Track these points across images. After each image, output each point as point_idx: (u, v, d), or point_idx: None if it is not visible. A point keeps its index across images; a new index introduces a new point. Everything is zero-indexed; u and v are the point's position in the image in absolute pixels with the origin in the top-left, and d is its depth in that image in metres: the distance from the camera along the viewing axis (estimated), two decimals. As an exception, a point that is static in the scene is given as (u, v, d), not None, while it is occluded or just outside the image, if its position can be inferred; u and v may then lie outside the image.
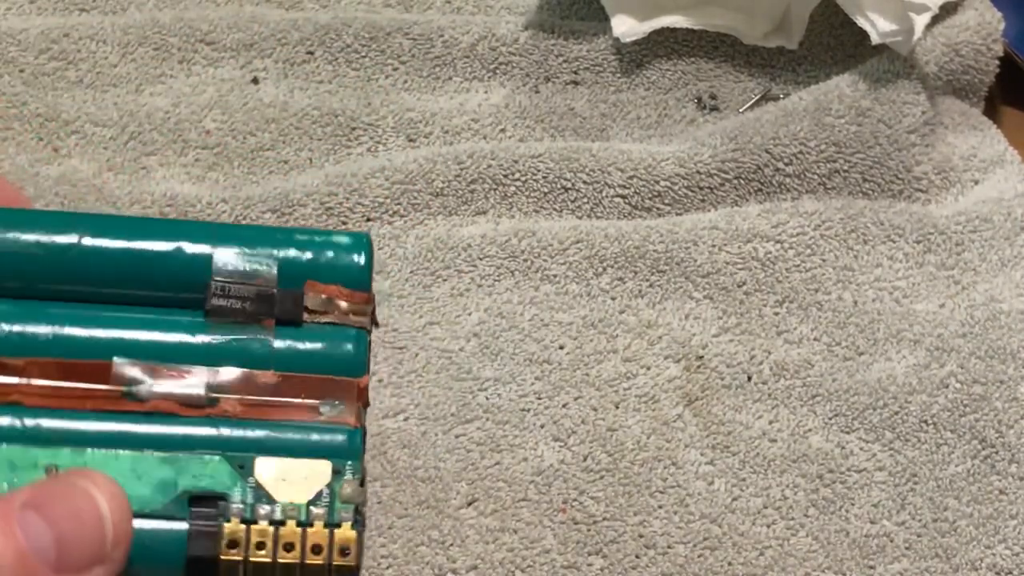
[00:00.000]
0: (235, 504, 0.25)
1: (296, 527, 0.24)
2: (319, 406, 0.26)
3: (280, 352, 0.26)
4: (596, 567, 0.39)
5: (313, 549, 0.25)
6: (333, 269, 0.27)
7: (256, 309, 0.26)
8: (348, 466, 0.25)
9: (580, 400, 0.42)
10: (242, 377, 0.25)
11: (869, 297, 0.45)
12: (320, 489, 0.25)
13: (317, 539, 0.25)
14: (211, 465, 0.25)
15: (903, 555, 0.39)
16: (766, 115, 0.48)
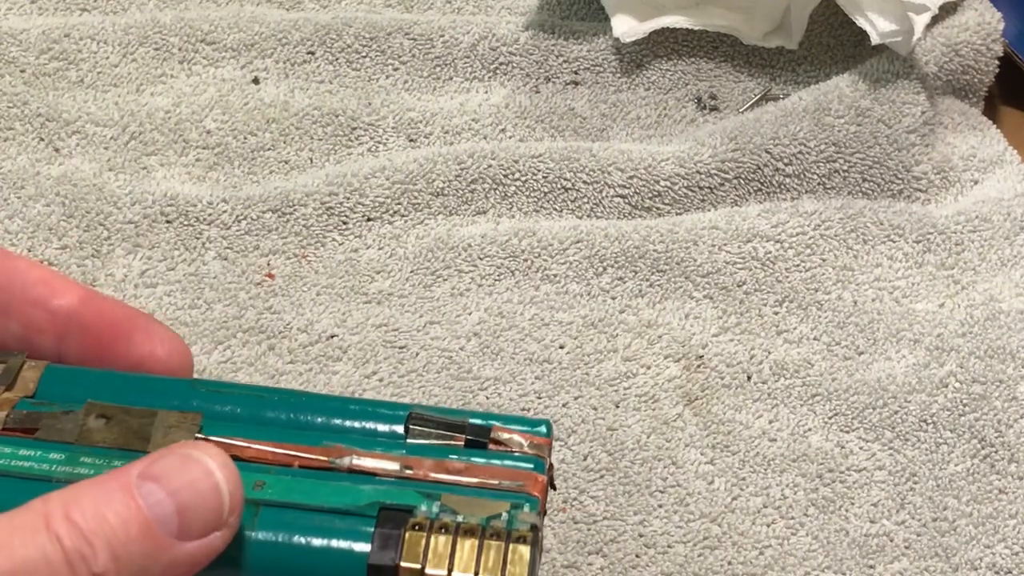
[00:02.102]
0: (422, 511, 0.26)
1: (476, 524, 0.26)
2: (502, 482, 0.28)
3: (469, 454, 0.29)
4: (596, 566, 0.39)
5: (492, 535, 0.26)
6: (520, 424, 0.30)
7: (449, 429, 0.29)
8: (527, 504, 0.27)
9: (580, 400, 0.42)
10: (434, 463, 0.28)
11: (869, 297, 0.45)
12: (501, 512, 0.27)
13: (496, 531, 0.26)
14: (401, 492, 0.27)
15: (903, 554, 0.39)
16: (766, 115, 0.48)
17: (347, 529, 0.26)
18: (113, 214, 0.45)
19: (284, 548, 0.26)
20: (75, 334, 0.30)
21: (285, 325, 0.43)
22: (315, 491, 0.27)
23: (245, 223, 0.46)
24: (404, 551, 0.26)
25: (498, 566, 0.26)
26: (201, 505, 0.24)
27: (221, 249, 0.45)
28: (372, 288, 0.45)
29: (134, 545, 0.23)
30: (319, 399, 0.30)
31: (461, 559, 0.26)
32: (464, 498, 0.27)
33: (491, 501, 0.27)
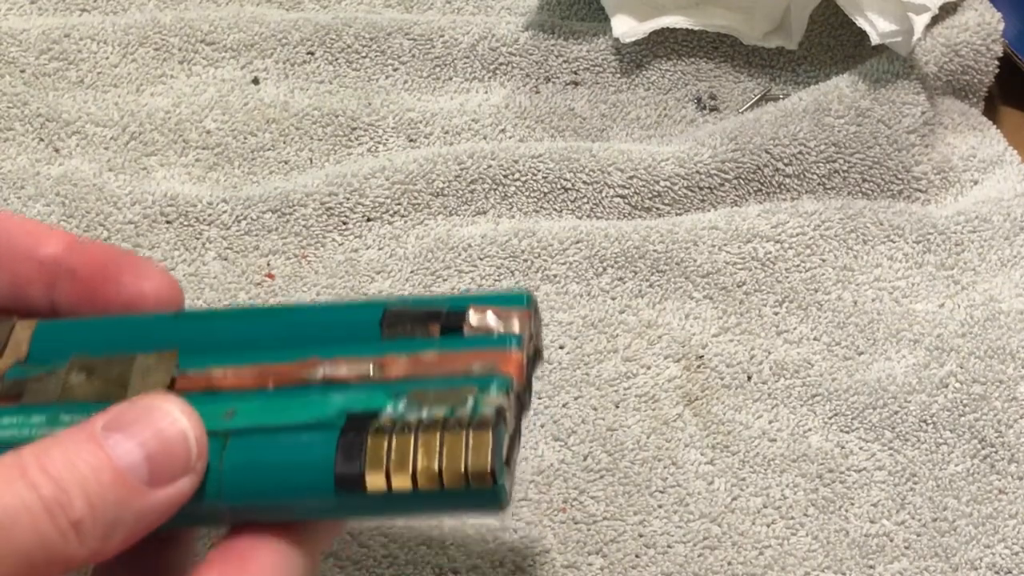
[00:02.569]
0: (387, 413, 0.26)
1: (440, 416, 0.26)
2: (472, 366, 0.28)
3: (443, 344, 0.28)
4: (596, 567, 0.39)
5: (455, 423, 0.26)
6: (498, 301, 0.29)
7: (424, 320, 0.29)
8: (494, 385, 0.27)
9: (580, 400, 0.42)
10: (407, 359, 0.28)
11: (869, 297, 0.45)
12: (466, 398, 0.26)
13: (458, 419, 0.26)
14: (369, 395, 0.27)
15: (903, 554, 0.39)
16: (766, 115, 0.48)
17: (312, 443, 0.26)
18: (113, 214, 0.45)
19: (252, 474, 0.26)
20: (65, 281, 0.30)
21: (285, 325, 0.43)
22: (285, 409, 0.27)
23: (245, 223, 0.46)
24: (368, 458, 0.26)
25: (460, 458, 0.25)
26: (168, 452, 0.25)
27: (221, 249, 0.45)
28: (372, 288, 0.45)
29: (107, 493, 0.24)
30: (295, 312, 0.30)
31: (423, 457, 0.25)
32: (432, 391, 0.27)
33: (459, 389, 0.27)
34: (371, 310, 0.29)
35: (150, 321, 0.30)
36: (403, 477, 0.25)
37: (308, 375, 0.28)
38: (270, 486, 0.26)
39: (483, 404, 0.26)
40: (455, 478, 0.25)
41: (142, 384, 0.28)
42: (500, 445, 0.26)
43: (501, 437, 0.26)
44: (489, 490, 0.26)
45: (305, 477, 0.26)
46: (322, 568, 0.38)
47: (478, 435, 0.26)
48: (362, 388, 0.27)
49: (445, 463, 0.25)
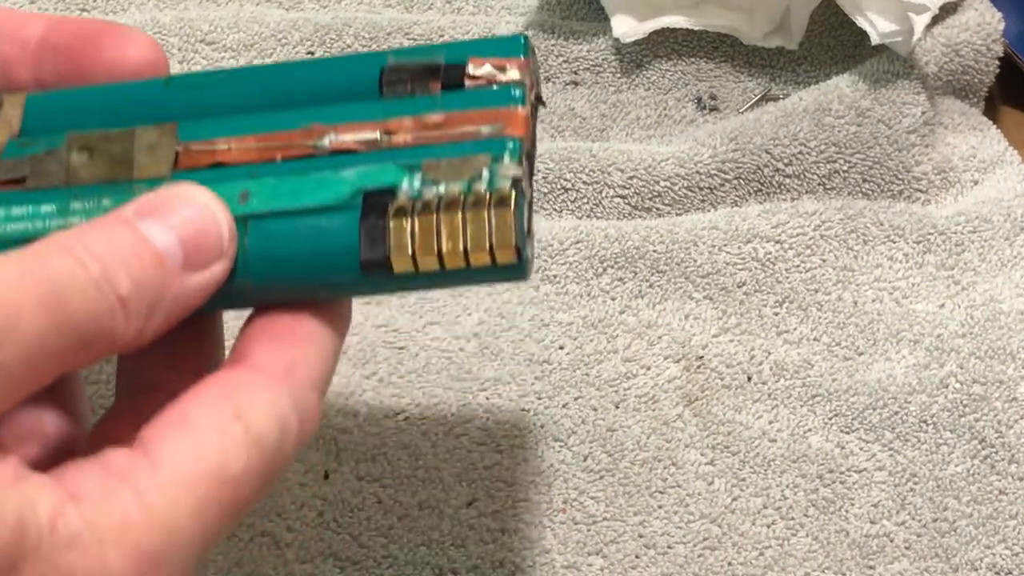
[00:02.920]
0: (404, 191, 0.26)
1: (458, 193, 0.26)
2: (480, 128, 0.27)
3: (446, 102, 0.28)
4: (596, 567, 0.39)
5: (474, 203, 0.26)
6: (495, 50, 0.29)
7: (424, 77, 0.29)
8: (506, 154, 0.27)
9: (580, 400, 0.42)
10: (412, 121, 0.28)
11: (869, 297, 0.45)
12: (481, 170, 0.27)
13: (477, 197, 0.26)
14: (382, 169, 0.27)
15: (903, 555, 0.39)
16: (766, 115, 0.48)
17: (335, 229, 0.26)
18: (112, 214, 0.45)
19: (277, 261, 0.26)
20: (49, 59, 0.30)
21: (285, 325, 0.43)
22: (299, 189, 0.27)
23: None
24: (392, 242, 0.26)
25: (484, 237, 0.26)
26: (202, 237, 0.25)
27: (221, 249, 0.45)
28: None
29: (148, 273, 0.24)
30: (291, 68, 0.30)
31: (447, 239, 0.26)
32: (444, 161, 0.27)
33: (471, 157, 0.27)
34: (368, 66, 0.29)
35: (141, 88, 0.29)
36: (430, 259, 0.26)
37: (315, 144, 0.28)
38: (295, 272, 0.26)
39: (499, 176, 0.26)
40: (481, 256, 0.26)
41: (148, 161, 0.28)
42: (522, 219, 0.26)
43: (522, 210, 0.26)
44: (517, 265, 0.26)
45: (331, 264, 0.26)
46: (322, 568, 0.38)
47: (500, 213, 0.26)
48: (372, 160, 0.27)
49: (470, 244, 0.26)
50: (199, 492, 0.23)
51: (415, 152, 0.27)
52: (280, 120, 0.28)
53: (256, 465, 0.24)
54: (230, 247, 0.26)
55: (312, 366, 0.26)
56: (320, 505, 0.39)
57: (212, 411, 0.24)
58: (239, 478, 0.24)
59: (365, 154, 0.27)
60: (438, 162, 0.27)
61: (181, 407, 0.24)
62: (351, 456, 0.40)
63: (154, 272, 0.24)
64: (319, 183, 0.27)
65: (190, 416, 0.24)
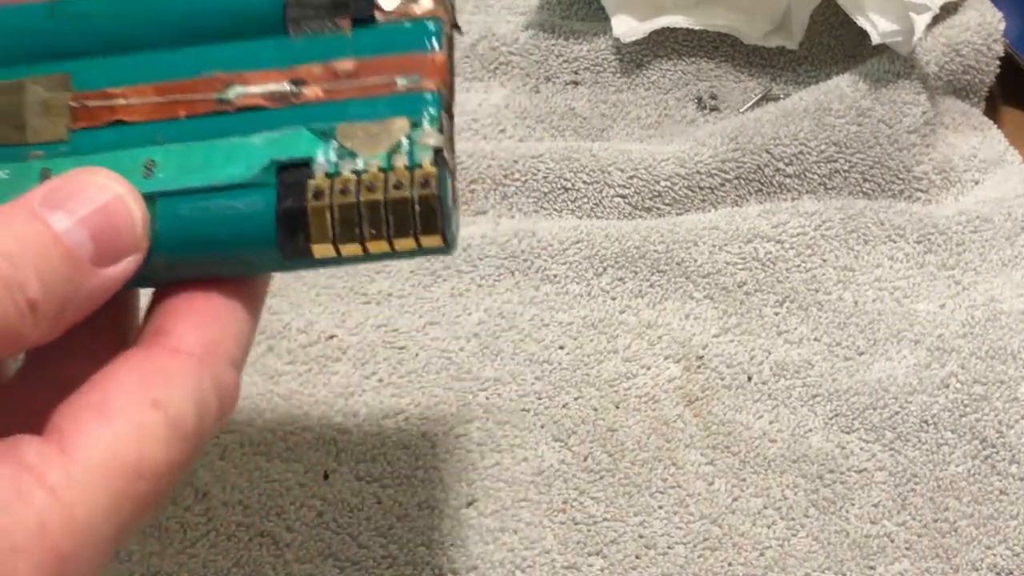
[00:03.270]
0: (319, 164, 0.25)
1: (378, 171, 0.25)
2: (396, 79, 0.26)
3: (357, 44, 0.27)
4: (596, 567, 0.38)
5: (394, 185, 0.25)
6: None
7: (332, 12, 0.27)
8: (425, 117, 0.26)
9: (580, 400, 0.42)
10: (322, 68, 0.27)
11: (869, 297, 0.45)
12: (399, 139, 0.26)
13: (398, 177, 0.25)
14: (295, 137, 0.26)
15: (903, 555, 0.39)
16: (766, 115, 0.48)
17: (250, 213, 0.25)
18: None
19: (190, 244, 0.25)
20: None
21: (284, 325, 0.43)
22: (208, 161, 0.26)
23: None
24: (312, 232, 0.25)
25: (408, 225, 0.25)
26: (114, 229, 0.24)
27: (220, 249, 0.45)
28: (371, 288, 0.45)
29: (58, 270, 0.23)
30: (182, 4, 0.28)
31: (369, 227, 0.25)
32: (360, 126, 0.26)
33: (388, 121, 0.26)
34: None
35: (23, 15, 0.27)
36: (352, 246, 0.25)
37: (219, 97, 0.26)
38: (210, 255, 0.25)
39: (419, 147, 0.25)
40: (407, 243, 0.25)
41: (42, 124, 0.26)
42: (446, 197, 0.25)
43: (445, 187, 0.25)
44: (443, 247, 0.25)
45: (248, 249, 0.25)
46: (322, 568, 0.38)
47: (424, 197, 0.25)
48: (283, 121, 0.26)
49: (394, 231, 0.25)
50: (115, 488, 0.22)
51: (328, 111, 0.26)
52: (179, 64, 0.27)
53: (174, 455, 0.23)
54: (143, 240, 0.25)
55: (234, 342, 0.25)
56: (320, 505, 0.39)
57: (130, 400, 0.23)
58: (157, 470, 0.23)
59: (275, 112, 0.26)
60: (353, 127, 0.26)
61: (98, 394, 0.23)
62: (351, 456, 0.40)
63: (65, 271, 0.23)
64: (229, 152, 0.26)
65: (107, 405, 0.23)
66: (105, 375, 0.23)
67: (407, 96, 0.26)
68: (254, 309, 0.26)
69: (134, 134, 0.26)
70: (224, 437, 0.41)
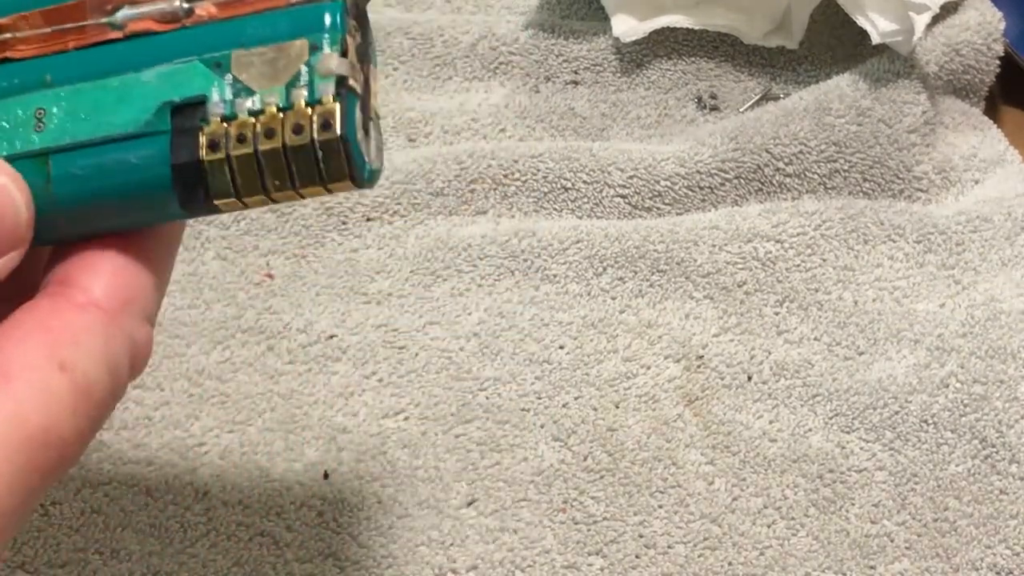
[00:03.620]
0: (215, 104, 0.23)
1: (276, 112, 0.23)
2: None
3: None
4: (596, 567, 0.38)
5: (294, 129, 0.23)
6: None
7: None
8: (325, 39, 0.23)
9: (580, 400, 0.42)
10: None
11: (869, 297, 0.45)
12: (298, 69, 0.23)
13: (298, 119, 0.23)
14: (188, 71, 0.24)
15: (903, 555, 0.39)
16: (766, 115, 0.48)
17: (145, 166, 0.23)
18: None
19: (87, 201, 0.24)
20: None
21: (284, 325, 0.43)
22: (99, 105, 0.24)
23: (244, 223, 0.46)
24: (212, 184, 0.23)
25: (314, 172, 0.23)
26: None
27: (220, 249, 0.45)
28: (372, 288, 0.45)
29: None
30: None
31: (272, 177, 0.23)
32: (255, 55, 0.23)
33: (285, 46, 0.23)
34: None
35: None
36: (257, 198, 0.23)
37: (109, 22, 0.24)
38: (109, 212, 0.24)
39: (319, 77, 0.23)
40: (314, 191, 0.23)
41: None
42: (353, 139, 0.23)
43: (352, 127, 0.23)
44: (356, 184, 0.23)
45: (147, 204, 0.24)
46: (322, 568, 0.38)
47: (326, 140, 0.23)
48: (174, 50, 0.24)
49: (299, 180, 0.23)
50: (19, 459, 0.21)
51: (222, 34, 0.24)
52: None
53: (83, 422, 0.22)
54: (27, 232, 0.23)
55: (146, 295, 0.24)
56: (320, 505, 0.39)
57: (34, 361, 0.21)
58: (64, 439, 0.21)
59: (165, 37, 0.24)
60: (250, 55, 0.23)
61: (1, 357, 0.22)
62: (351, 456, 0.40)
63: None
64: (120, 94, 0.24)
65: (8, 367, 0.21)
66: (4, 332, 0.22)
67: (306, 8, 0.24)
68: (167, 258, 0.25)
69: (24, 73, 0.24)
70: (224, 437, 0.41)
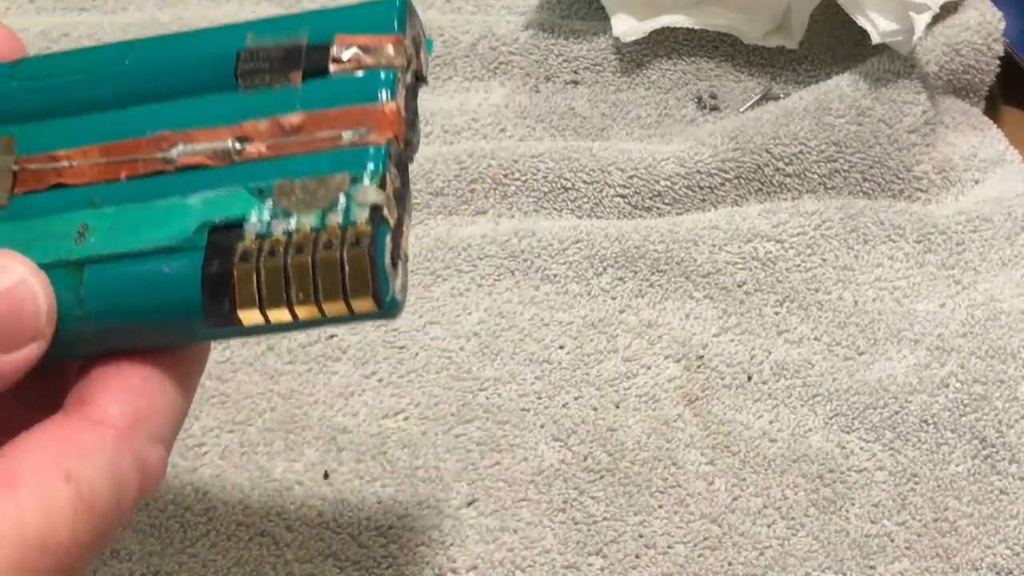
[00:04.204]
0: (252, 224, 0.24)
1: (309, 231, 0.23)
2: (342, 133, 0.25)
3: (307, 97, 0.25)
4: (596, 567, 0.38)
5: (324, 245, 0.23)
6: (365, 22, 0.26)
7: (284, 65, 0.26)
8: (367, 172, 0.24)
9: (580, 400, 0.42)
10: (268, 124, 0.25)
11: (869, 297, 0.45)
12: (337, 196, 0.24)
13: (330, 236, 0.23)
14: (231, 197, 0.24)
15: (903, 555, 0.39)
16: (766, 115, 0.48)
17: (176, 276, 0.24)
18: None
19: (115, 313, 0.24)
20: None
21: (284, 325, 0.43)
22: (141, 221, 0.24)
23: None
24: (238, 295, 0.23)
25: (337, 286, 0.23)
26: (15, 315, 0.23)
27: (220, 249, 0.45)
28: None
29: None
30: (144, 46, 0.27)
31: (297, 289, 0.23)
32: (298, 183, 0.24)
33: (328, 178, 0.24)
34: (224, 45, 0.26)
35: None
36: (280, 311, 0.23)
37: (163, 157, 0.25)
38: (136, 323, 0.24)
39: (356, 206, 0.23)
40: (336, 306, 0.23)
41: None
42: (381, 261, 0.23)
43: (382, 250, 0.23)
44: (380, 311, 0.23)
45: (174, 316, 0.24)
46: (322, 568, 0.38)
47: (354, 257, 0.23)
48: (222, 181, 0.24)
49: (323, 295, 0.23)
50: (16, 560, 0.21)
51: (268, 168, 0.25)
52: (128, 123, 0.26)
53: (84, 532, 0.22)
54: (47, 327, 0.24)
55: (161, 418, 0.24)
56: (320, 505, 0.39)
57: (41, 470, 0.22)
58: (63, 546, 0.22)
59: (216, 171, 0.25)
60: (292, 184, 0.24)
61: (7, 462, 0.22)
62: (351, 456, 0.40)
63: None
64: (163, 214, 0.24)
65: (15, 474, 0.22)
66: (18, 443, 0.23)
67: (352, 150, 0.24)
68: (188, 384, 0.25)
69: (73, 197, 0.25)
70: (224, 437, 0.41)
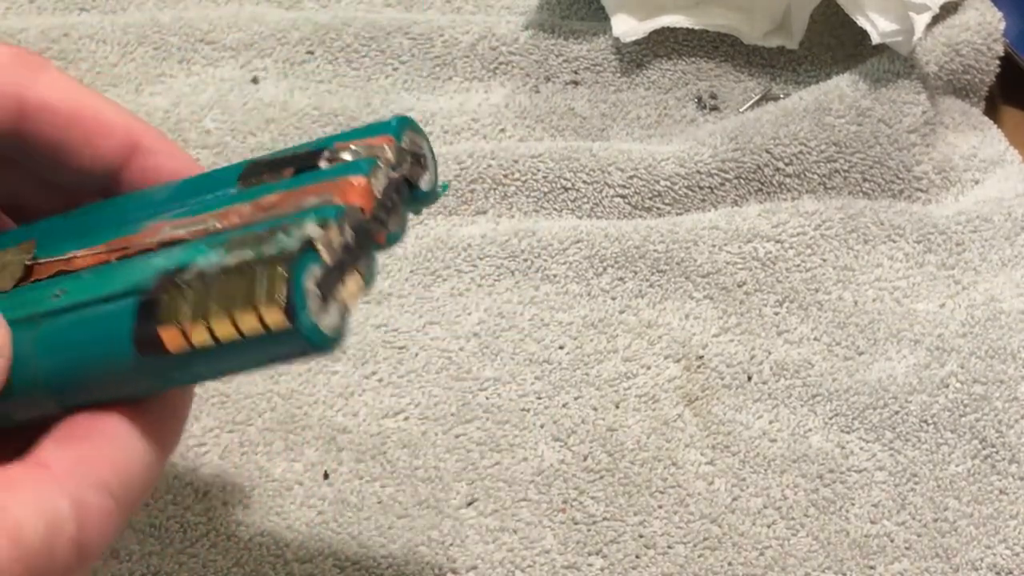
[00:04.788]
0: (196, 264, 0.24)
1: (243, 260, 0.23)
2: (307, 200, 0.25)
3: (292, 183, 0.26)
4: (596, 567, 0.38)
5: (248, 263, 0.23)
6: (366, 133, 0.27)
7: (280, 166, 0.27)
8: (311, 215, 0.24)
9: (580, 400, 0.42)
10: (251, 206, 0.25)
11: (869, 297, 0.45)
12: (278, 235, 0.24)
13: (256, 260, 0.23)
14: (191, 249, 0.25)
15: (903, 555, 0.39)
16: (766, 115, 0.48)
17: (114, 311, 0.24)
18: (112, 214, 0.45)
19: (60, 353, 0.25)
20: None
21: (284, 325, 0.43)
22: (108, 280, 0.25)
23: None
24: (162, 314, 0.23)
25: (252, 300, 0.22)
26: None
27: (220, 249, 0.45)
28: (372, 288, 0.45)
29: None
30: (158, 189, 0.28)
31: (215, 306, 0.23)
32: (251, 235, 0.24)
33: (275, 227, 0.24)
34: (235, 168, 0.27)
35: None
36: (199, 331, 0.23)
37: (151, 241, 0.26)
38: (76, 360, 0.24)
39: (292, 239, 0.23)
40: (249, 319, 0.23)
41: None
42: (299, 278, 0.23)
43: (303, 268, 0.23)
44: (294, 331, 0.22)
45: (106, 345, 0.24)
46: (322, 568, 0.38)
47: (271, 272, 0.23)
48: (189, 244, 0.25)
49: (238, 308, 0.23)
50: None
51: (235, 231, 0.25)
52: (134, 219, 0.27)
53: (10, 566, 0.22)
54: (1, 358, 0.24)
55: (105, 465, 0.24)
56: (320, 505, 0.39)
57: None
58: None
59: (191, 241, 0.25)
60: (246, 235, 0.24)
61: None
62: (351, 456, 0.40)
63: None
64: (128, 271, 0.25)
65: None
66: None
67: (312, 209, 0.25)
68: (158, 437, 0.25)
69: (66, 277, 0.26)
70: (224, 437, 0.41)
